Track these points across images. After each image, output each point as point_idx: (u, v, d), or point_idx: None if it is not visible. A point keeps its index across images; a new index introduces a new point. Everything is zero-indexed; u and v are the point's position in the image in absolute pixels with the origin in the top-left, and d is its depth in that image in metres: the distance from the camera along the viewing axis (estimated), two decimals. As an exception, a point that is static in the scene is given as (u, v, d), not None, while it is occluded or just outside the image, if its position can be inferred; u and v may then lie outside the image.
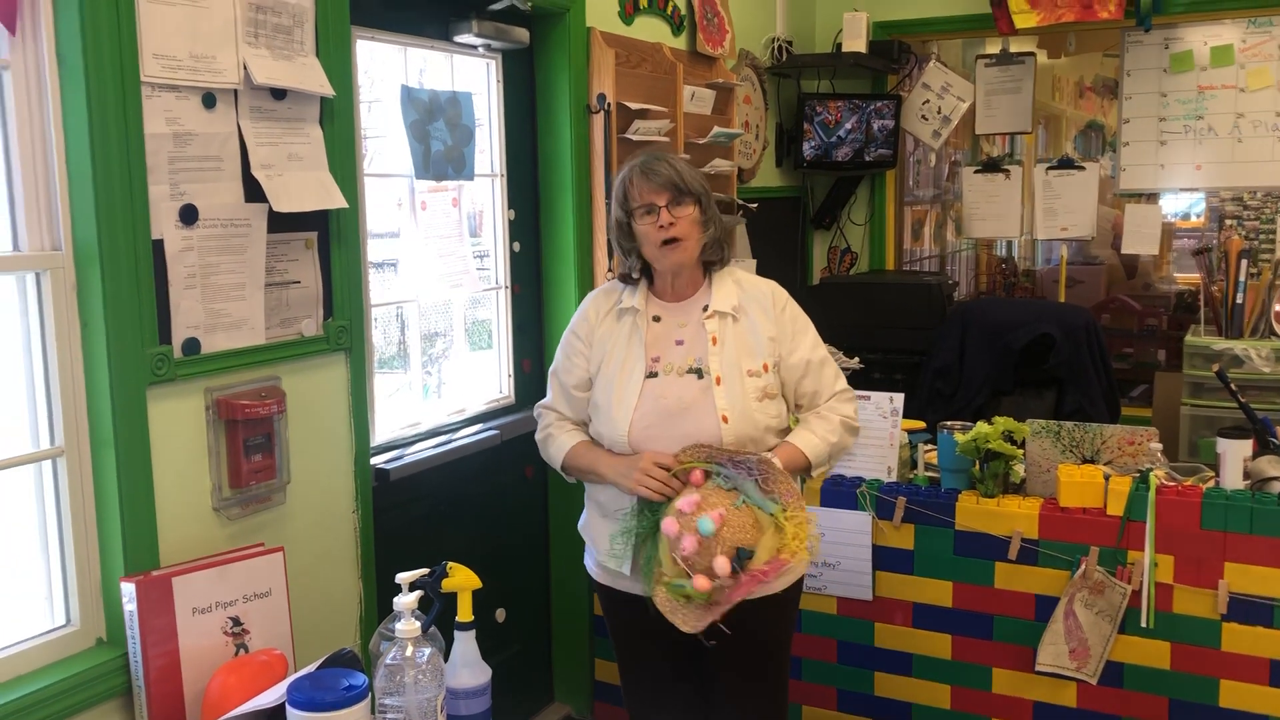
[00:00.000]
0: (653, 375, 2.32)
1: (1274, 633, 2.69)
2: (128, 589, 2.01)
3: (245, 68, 2.22)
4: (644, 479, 2.22)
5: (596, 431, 2.38)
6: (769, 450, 2.29)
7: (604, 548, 2.37)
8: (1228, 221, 5.91)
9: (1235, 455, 2.87)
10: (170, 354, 2.12)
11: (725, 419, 2.27)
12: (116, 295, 2.01)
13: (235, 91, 2.22)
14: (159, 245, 2.09)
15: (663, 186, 2.28)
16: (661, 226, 2.28)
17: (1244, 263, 4.29)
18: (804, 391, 2.39)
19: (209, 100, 2.17)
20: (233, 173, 2.24)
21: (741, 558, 2.10)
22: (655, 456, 2.24)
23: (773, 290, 2.42)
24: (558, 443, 2.42)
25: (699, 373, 2.30)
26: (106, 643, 2.09)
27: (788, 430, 2.40)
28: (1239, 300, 4.28)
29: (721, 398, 2.28)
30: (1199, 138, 4.65)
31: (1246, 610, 2.72)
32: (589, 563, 2.50)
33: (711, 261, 2.40)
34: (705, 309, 2.36)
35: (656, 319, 2.37)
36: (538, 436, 2.50)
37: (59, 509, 2.04)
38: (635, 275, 2.40)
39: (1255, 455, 2.94)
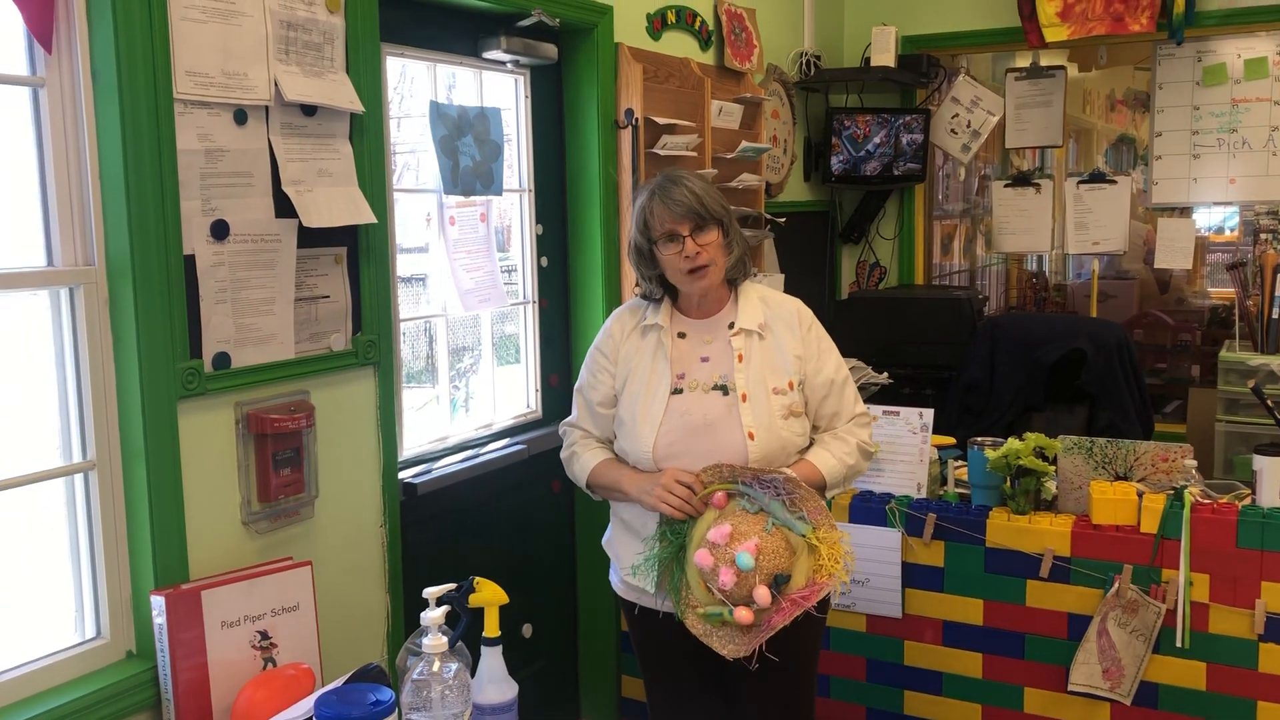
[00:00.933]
0: (678, 391, 2.31)
1: (1313, 654, 2.65)
2: (157, 602, 2.02)
3: (276, 84, 2.24)
4: (665, 495, 2.21)
5: (621, 448, 2.37)
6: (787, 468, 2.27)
7: (628, 564, 2.36)
8: (1263, 235, 5.84)
9: (1272, 472, 2.82)
10: (201, 368, 2.13)
11: (751, 435, 2.25)
12: (148, 310, 2.03)
13: (266, 108, 2.24)
14: (190, 260, 2.11)
15: (685, 215, 2.25)
16: (687, 256, 2.25)
17: (1279, 277, 4.24)
18: (825, 412, 2.37)
19: (240, 117, 2.19)
20: (263, 188, 2.25)
21: (779, 583, 2.09)
22: (677, 474, 2.22)
23: (798, 309, 2.41)
24: (582, 461, 2.41)
25: (724, 389, 2.29)
26: (136, 655, 2.10)
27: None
28: (1275, 315, 4.24)
29: (747, 414, 2.27)
30: (1233, 151, 4.61)
31: (1284, 630, 2.67)
32: (614, 578, 2.49)
33: (735, 279, 2.39)
34: (731, 326, 2.35)
35: (682, 335, 2.37)
36: (563, 455, 2.49)
37: (90, 522, 2.05)
38: (657, 296, 2.39)
39: (1292, 472, 2.90)
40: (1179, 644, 2.75)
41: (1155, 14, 4.26)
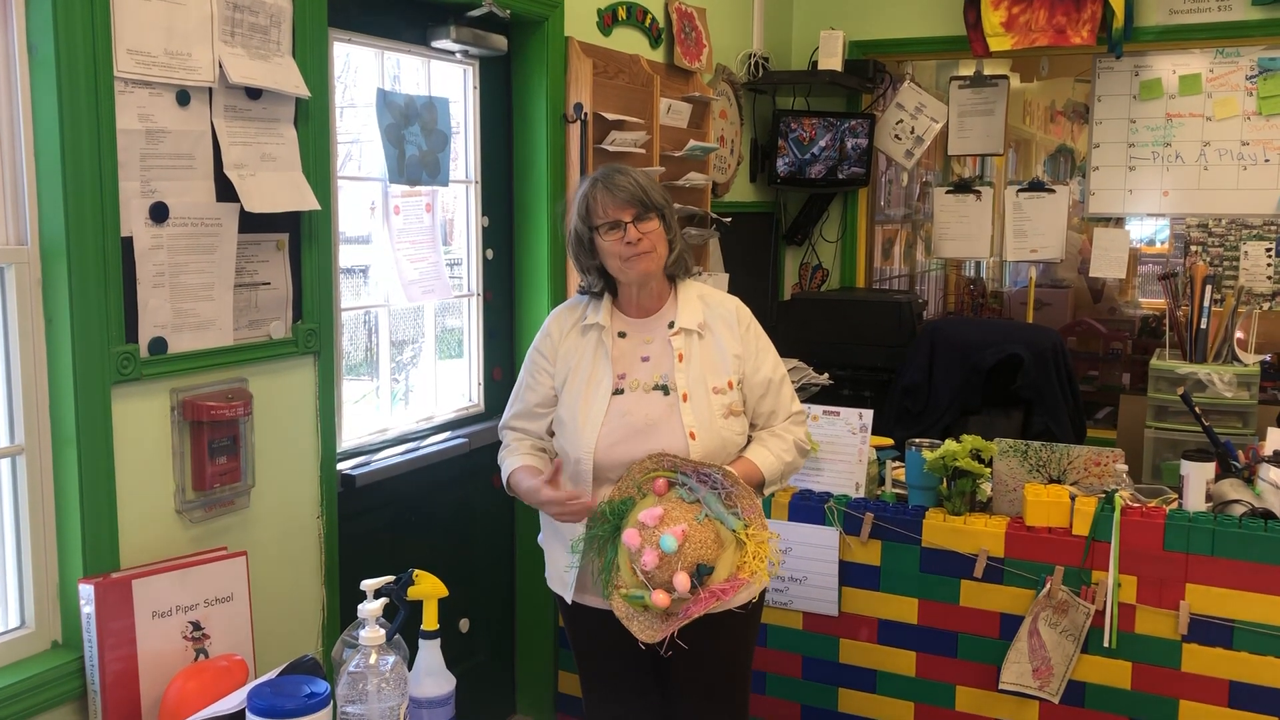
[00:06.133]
0: (619, 392, 2.30)
1: (1233, 654, 2.72)
2: (86, 591, 1.97)
3: (220, 66, 2.20)
4: (563, 513, 2.22)
5: (561, 447, 2.36)
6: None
7: (558, 565, 2.37)
8: (1193, 248, 5.99)
9: (1198, 478, 2.90)
10: (136, 353, 2.09)
11: (693, 435, 2.26)
12: (83, 292, 1.98)
13: (210, 90, 2.20)
14: (128, 242, 2.07)
15: (628, 202, 2.26)
16: (629, 242, 2.26)
17: (1208, 289, 4.35)
18: (762, 410, 2.39)
19: (183, 98, 2.15)
20: (205, 171, 2.21)
21: (701, 573, 2.10)
22: (577, 504, 2.21)
23: (737, 307, 2.42)
24: (505, 465, 2.41)
25: (665, 389, 2.30)
26: (62, 645, 2.06)
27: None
28: (1203, 325, 4.34)
29: (689, 414, 2.28)
30: (1166, 164, 4.72)
31: (1207, 631, 2.74)
32: (549, 575, 2.49)
33: (675, 275, 2.40)
34: (671, 325, 2.35)
35: (622, 335, 2.36)
36: (499, 457, 2.48)
37: (17, 508, 2.00)
38: (596, 289, 2.39)
39: (1217, 478, 2.97)
40: (1106, 644, 2.81)
41: (1096, 27, 4.34)
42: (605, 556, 2.22)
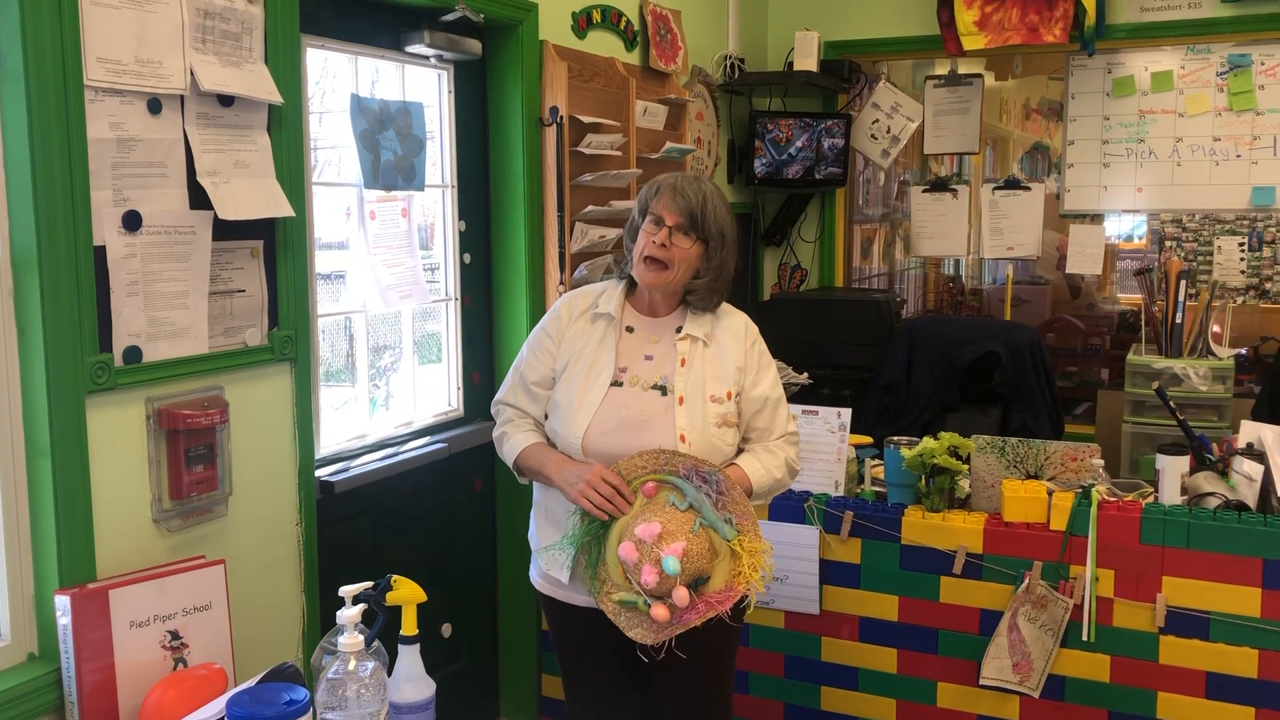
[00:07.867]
0: (617, 384, 2.33)
1: (1210, 645, 2.74)
2: (62, 602, 1.96)
3: (192, 73, 2.20)
4: (589, 491, 2.20)
5: (552, 430, 2.38)
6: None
7: (551, 561, 2.36)
8: (1168, 243, 6.04)
9: (1173, 472, 2.92)
10: (110, 362, 2.08)
11: (683, 438, 2.27)
12: (55, 302, 1.97)
13: (182, 97, 2.20)
14: (100, 251, 2.06)
15: (681, 210, 2.29)
16: (654, 242, 2.29)
17: (1183, 284, 4.38)
18: (757, 426, 2.41)
19: (154, 105, 2.14)
20: (178, 179, 2.21)
21: (698, 583, 2.11)
22: (604, 472, 2.22)
23: (746, 323, 2.46)
24: (512, 441, 2.40)
25: (663, 390, 2.32)
26: (38, 657, 2.04)
27: None
28: (1178, 320, 4.37)
29: (682, 417, 2.29)
30: (1140, 161, 4.76)
31: (1183, 624, 2.76)
32: (533, 574, 2.49)
33: (691, 304, 2.40)
34: (679, 330, 2.38)
35: (630, 330, 2.39)
36: (495, 433, 2.48)
37: (-8, 520, 1.99)
38: (626, 273, 2.42)
39: (1192, 471, 3.00)
40: (1085, 638, 2.83)
41: (1068, 26, 4.37)
42: (590, 554, 2.23)
